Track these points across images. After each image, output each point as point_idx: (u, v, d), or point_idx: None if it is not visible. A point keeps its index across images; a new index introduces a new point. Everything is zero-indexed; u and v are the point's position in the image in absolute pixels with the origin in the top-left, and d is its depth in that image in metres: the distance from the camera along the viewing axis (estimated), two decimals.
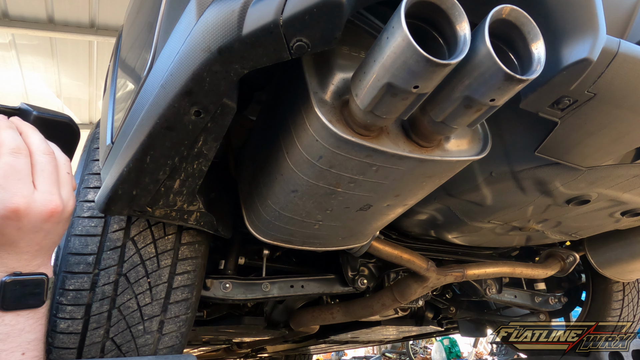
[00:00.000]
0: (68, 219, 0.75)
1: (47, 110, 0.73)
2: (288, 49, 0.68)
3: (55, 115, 0.75)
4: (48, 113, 0.73)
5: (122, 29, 1.55)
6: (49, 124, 0.72)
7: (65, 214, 0.73)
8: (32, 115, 0.70)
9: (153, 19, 0.97)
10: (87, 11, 5.83)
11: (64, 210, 0.72)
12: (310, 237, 1.20)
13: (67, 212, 0.73)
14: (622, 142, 0.96)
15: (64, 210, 0.72)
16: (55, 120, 0.74)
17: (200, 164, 0.96)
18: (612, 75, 0.79)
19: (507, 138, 1.12)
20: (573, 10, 0.75)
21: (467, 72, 0.66)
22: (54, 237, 0.73)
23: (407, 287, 1.71)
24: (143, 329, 1.20)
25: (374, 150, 0.79)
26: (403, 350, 9.66)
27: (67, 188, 0.74)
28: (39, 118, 0.71)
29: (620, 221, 1.45)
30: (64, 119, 0.76)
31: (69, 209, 0.74)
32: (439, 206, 1.46)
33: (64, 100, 7.46)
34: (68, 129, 0.77)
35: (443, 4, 0.62)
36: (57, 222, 0.71)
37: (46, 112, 0.73)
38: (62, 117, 0.76)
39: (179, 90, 0.75)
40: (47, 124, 0.71)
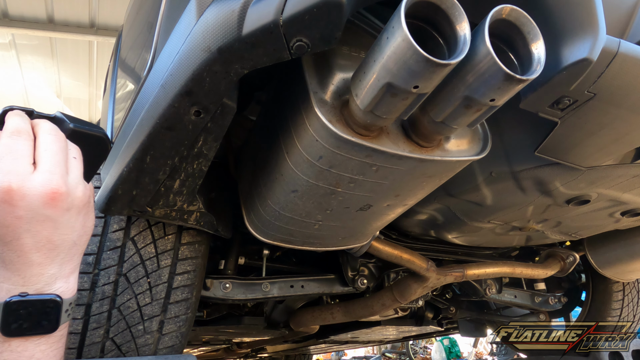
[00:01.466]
0: (81, 209, 0.63)
1: (84, 123, 0.67)
2: (288, 49, 0.68)
3: (92, 128, 0.67)
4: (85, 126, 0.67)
5: (122, 29, 1.55)
6: (83, 137, 0.65)
7: (74, 201, 0.61)
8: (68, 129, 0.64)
9: (153, 19, 0.97)
10: (87, 11, 5.83)
11: (69, 195, 0.60)
12: (310, 237, 1.20)
13: (76, 198, 0.61)
14: (622, 142, 0.96)
15: (69, 195, 0.60)
16: (91, 134, 0.67)
17: (200, 164, 0.96)
18: (612, 75, 0.79)
19: (507, 138, 1.12)
20: (573, 10, 0.75)
21: (467, 72, 0.66)
22: (67, 232, 0.60)
23: (407, 287, 1.71)
24: (143, 329, 1.20)
25: (374, 150, 0.79)
26: (403, 350, 9.66)
27: (76, 173, 0.63)
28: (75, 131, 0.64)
29: (620, 221, 1.45)
30: (99, 132, 0.69)
31: (77, 196, 0.62)
32: (439, 206, 1.46)
33: (64, 100, 7.46)
34: (101, 144, 0.70)
35: (443, 3, 0.62)
36: (63, 209, 0.59)
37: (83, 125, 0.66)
38: (98, 131, 0.69)
39: (179, 90, 0.75)
40: (81, 137, 0.65)
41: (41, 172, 0.58)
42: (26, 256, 0.57)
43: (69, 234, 0.61)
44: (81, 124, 0.65)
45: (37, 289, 0.58)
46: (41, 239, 0.58)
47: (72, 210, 0.61)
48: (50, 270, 0.59)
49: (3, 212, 0.55)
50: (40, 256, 0.58)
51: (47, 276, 0.59)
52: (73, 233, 0.61)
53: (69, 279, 0.61)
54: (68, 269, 0.61)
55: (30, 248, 0.57)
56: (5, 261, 0.57)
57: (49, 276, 0.59)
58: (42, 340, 0.58)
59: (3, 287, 0.57)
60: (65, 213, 0.59)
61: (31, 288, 0.58)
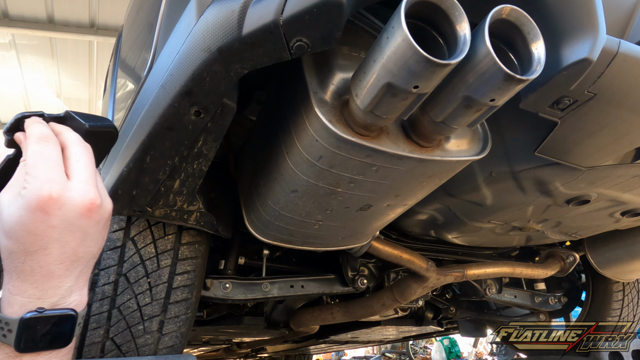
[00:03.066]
0: (107, 223, 0.62)
1: (95, 118, 0.65)
2: (288, 49, 0.68)
3: (103, 124, 0.66)
4: (97, 122, 0.65)
5: (122, 29, 1.55)
6: (96, 134, 0.64)
7: (105, 213, 0.60)
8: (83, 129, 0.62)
9: (153, 19, 0.97)
10: (87, 11, 5.83)
11: (102, 207, 0.59)
12: (310, 237, 1.20)
13: (106, 211, 0.61)
14: (622, 142, 0.96)
15: (102, 207, 0.59)
16: (104, 131, 0.66)
17: (200, 164, 0.96)
18: (612, 75, 0.79)
19: (507, 138, 1.12)
20: (573, 10, 0.75)
21: (467, 72, 0.66)
22: (91, 245, 0.59)
23: (407, 287, 1.71)
24: (143, 329, 1.20)
25: (374, 150, 0.79)
26: (403, 350, 9.66)
27: (102, 186, 0.63)
28: (89, 131, 0.62)
29: (620, 221, 1.44)
30: (110, 127, 0.67)
31: (107, 209, 0.61)
32: (439, 206, 1.46)
33: (64, 100, 7.46)
34: (111, 137, 0.68)
35: (443, 3, 0.62)
36: (96, 221, 0.58)
37: (96, 122, 0.64)
38: (109, 126, 0.67)
39: (179, 90, 0.75)
40: (94, 134, 0.64)
41: (78, 183, 0.57)
42: (48, 267, 0.55)
43: (93, 246, 0.60)
44: (94, 120, 0.64)
45: (53, 302, 0.56)
46: (67, 250, 0.56)
47: (101, 222, 0.60)
48: (67, 282, 0.57)
49: (37, 220, 0.54)
50: (62, 268, 0.56)
51: (64, 289, 0.57)
52: (96, 245, 0.61)
53: (83, 291, 0.60)
54: (83, 281, 0.60)
55: (55, 259, 0.55)
56: (24, 272, 0.54)
57: (65, 289, 0.57)
58: (53, 354, 0.57)
59: (17, 300, 0.54)
60: (96, 225, 0.59)
61: (47, 302, 0.56)
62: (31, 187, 0.54)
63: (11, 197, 0.55)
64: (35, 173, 0.55)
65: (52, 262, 0.55)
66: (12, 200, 0.55)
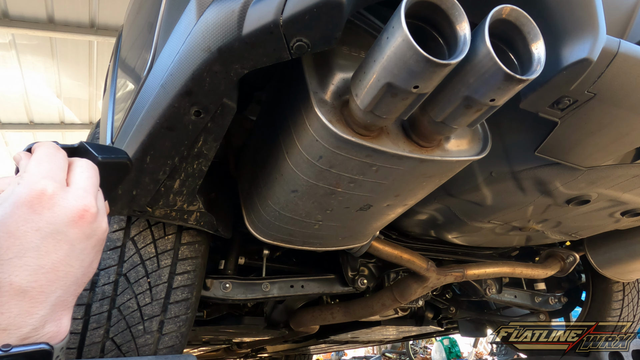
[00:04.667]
0: (98, 244, 0.55)
1: (108, 150, 0.63)
2: (288, 49, 0.68)
3: (117, 156, 0.64)
4: (111, 154, 0.63)
5: (122, 29, 1.55)
6: (108, 166, 0.62)
7: (98, 230, 0.53)
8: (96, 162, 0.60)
9: (153, 19, 0.97)
10: (87, 11, 5.83)
11: (96, 221, 0.53)
12: (310, 237, 1.20)
13: (100, 228, 0.54)
14: (622, 142, 0.96)
15: (96, 221, 0.53)
16: (117, 162, 0.64)
17: (200, 164, 0.96)
18: (612, 75, 0.79)
19: (507, 138, 1.12)
20: (573, 11, 0.75)
21: (467, 72, 0.66)
22: (75, 265, 0.50)
23: (407, 287, 1.71)
24: (143, 329, 1.20)
25: (374, 150, 0.79)
26: (403, 350, 9.66)
27: (102, 204, 0.57)
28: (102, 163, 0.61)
29: (620, 221, 1.45)
30: (124, 158, 0.65)
31: (102, 226, 0.54)
32: (439, 206, 1.46)
33: (64, 100, 7.46)
34: (125, 168, 0.66)
35: (443, 4, 0.62)
36: (85, 234, 0.51)
37: (109, 154, 0.63)
38: (123, 157, 0.65)
39: (179, 90, 0.75)
40: (106, 166, 0.62)
41: (77, 189, 0.52)
42: (20, 284, 0.45)
43: (77, 267, 0.51)
44: (107, 153, 0.62)
45: (23, 335, 0.45)
46: (46, 263, 0.47)
47: (92, 239, 0.53)
48: (41, 310, 0.47)
49: (20, 217, 0.47)
50: (36, 288, 0.46)
51: (36, 318, 0.46)
52: (80, 268, 0.51)
53: (62, 321, 0.50)
54: (60, 311, 0.49)
55: (30, 273, 0.46)
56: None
57: (38, 318, 0.47)
58: None
59: None
60: (84, 240, 0.51)
61: (15, 334, 0.45)
62: (25, 181, 0.49)
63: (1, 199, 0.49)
64: (34, 169, 0.50)
65: (26, 277, 0.46)
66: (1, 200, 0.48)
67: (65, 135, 8.26)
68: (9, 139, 8.15)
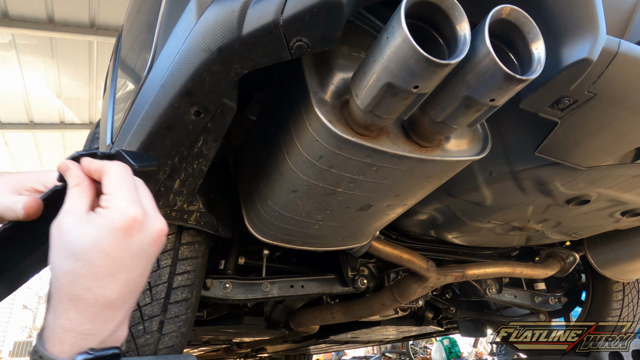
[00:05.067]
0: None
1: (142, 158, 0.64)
2: (288, 49, 0.68)
3: (150, 164, 0.65)
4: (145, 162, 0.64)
5: (122, 29, 1.55)
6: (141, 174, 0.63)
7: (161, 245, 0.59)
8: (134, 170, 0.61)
9: (153, 19, 0.97)
10: (87, 11, 5.83)
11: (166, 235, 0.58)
12: (310, 237, 1.20)
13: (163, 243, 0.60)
14: (622, 142, 0.96)
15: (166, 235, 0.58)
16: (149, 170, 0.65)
17: (200, 164, 0.96)
18: (612, 75, 0.79)
19: (507, 138, 1.12)
20: (573, 11, 0.75)
21: (467, 72, 0.66)
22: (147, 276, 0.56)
23: (407, 287, 1.71)
24: (143, 329, 1.20)
25: (374, 150, 0.79)
26: (403, 350, 9.66)
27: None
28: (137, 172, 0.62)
29: (620, 221, 1.44)
30: (154, 166, 0.66)
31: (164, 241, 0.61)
32: (439, 206, 1.46)
33: (64, 100, 7.46)
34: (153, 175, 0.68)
35: (443, 4, 0.62)
36: (159, 250, 0.56)
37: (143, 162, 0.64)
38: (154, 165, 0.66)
39: (179, 90, 0.75)
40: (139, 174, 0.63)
41: (152, 210, 0.57)
42: (110, 297, 0.51)
43: (147, 276, 0.57)
44: (141, 160, 0.63)
45: (101, 340, 0.51)
46: (131, 278, 0.53)
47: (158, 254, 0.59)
48: (119, 316, 0.53)
49: (116, 241, 0.51)
50: (120, 299, 0.52)
51: (115, 323, 0.52)
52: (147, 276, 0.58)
53: (125, 324, 0.55)
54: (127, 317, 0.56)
55: (118, 288, 0.51)
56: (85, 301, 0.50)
57: (116, 323, 0.53)
58: None
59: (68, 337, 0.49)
60: (156, 255, 0.57)
61: (96, 339, 0.51)
62: (117, 207, 0.52)
63: (78, 219, 0.52)
64: (121, 194, 0.54)
65: (116, 290, 0.51)
66: (85, 221, 0.52)
67: (65, 135, 8.26)
68: (9, 139, 8.14)
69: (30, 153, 8.72)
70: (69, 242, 0.50)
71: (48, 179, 0.63)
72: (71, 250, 0.50)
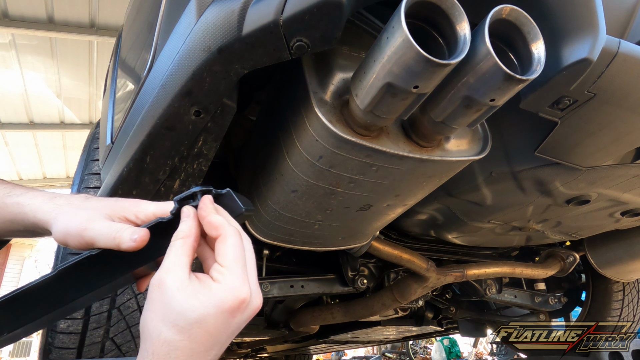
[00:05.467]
0: None
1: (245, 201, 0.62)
2: (288, 49, 0.68)
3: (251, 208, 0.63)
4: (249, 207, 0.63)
5: (122, 29, 1.55)
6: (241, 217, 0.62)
7: None
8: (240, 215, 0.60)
9: (153, 19, 0.97)
10: (87, 11, 5.83)
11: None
12: (310, 237, 1.20)
13: None
14: (622, 142, 0.96)
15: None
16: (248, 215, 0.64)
17: (200, 164, 0.96)
18: (612, 75, 0.79)
19: (507, 138, 1.12)
20: (573, 10, 0.75)
21: (467, 72, 0.66)
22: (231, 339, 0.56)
23: (407, 287, 1.71)
24: None
25: (374, 150, 0.79)
26: (403, 350, 9.66)
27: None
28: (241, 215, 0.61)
29: (620, 221, 1.45)
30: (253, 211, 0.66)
31: None
32: (439, 206, 1.46)
33: (64, 100, 7.45)
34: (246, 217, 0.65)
35: (443, 3, 0.62)
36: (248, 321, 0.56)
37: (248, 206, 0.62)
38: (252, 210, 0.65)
39: (179, 90, 0.75)
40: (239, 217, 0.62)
41: (254, 285, 0.56)
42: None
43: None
44: (247, 204, 0.62)
45: None
46: (220, 352, 0.53)
47: None
48: None
49: (221, 321, 0.50)
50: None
51: None
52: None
53: None
54: None
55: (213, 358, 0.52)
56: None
57: None
58: None
59: None
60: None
61: None
62: (230, 286, 0.51)
63: (181, 284, 0.50)
64: (235, 270, 0.53)
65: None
66: (190, 290, 0.50)
67: (65, 135, 8.26)
68: (9, 139, 8.14)
69: (30, 153, 8.72)
70: (172, 311, 0.49)
71: (140, 209, 0.61)
72: (173, 321, 0.48)
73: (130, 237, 0.55)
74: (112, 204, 0.62)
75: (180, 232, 0.56)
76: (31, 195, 0.66)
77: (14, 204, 0.65)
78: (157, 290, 0.50)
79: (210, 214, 0.57)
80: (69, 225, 0.59)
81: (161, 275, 0.51)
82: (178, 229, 0.56)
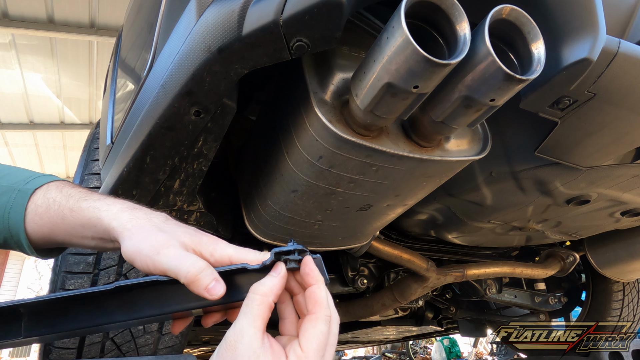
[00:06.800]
0: None
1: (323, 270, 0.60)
2: (288, 49, 0.68)
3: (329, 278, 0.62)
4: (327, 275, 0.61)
5: (122, 29, 1.55)
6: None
7: None
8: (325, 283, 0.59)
9: (153, 19, 0.97)
10: (87, 11, 5.83)
11: None
12: (310, 237, 1.20)
13: None
14: (622, 142, 0.96)
15: None
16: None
17: (200, 164, 0.96)
18: (612, 75, 0.79)
19: (507, 138, 1.12)
20: (573, 10, 0.75)
21: (467, 72, 0.66)
22: None
23: (407, 287, 1.71)
24: (143, 329, 1.20)
25: (374, 150, 0.79)
26: (403, 350, 9.66)
27: None
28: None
29: (620, 221, 1.45)
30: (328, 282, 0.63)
31: None
32: (439, 206, 1.46)
33: (64, 100, 7.46)
34: None
35: (443, 3, 0.62)
36: None
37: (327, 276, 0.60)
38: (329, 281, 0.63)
39: (179, 90, 0.75)
40: None
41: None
42: None
43: None
44: (326, 274, 0.60)
45: None
46: None
47: None
48: None
49: None
50: None
51: None
52: None
53: None
54: None
55: None
56: None
57: None
58: None
59: None
60: None
61: None
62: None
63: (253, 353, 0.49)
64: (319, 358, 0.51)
65: None
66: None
67: (65, 135, 8.26)
68: (9, 139, 8.14)
69: (30, 153, 8.72)
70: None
71: (218, 247, 0.59)
72: None
73: (207, 285, 0.53)
74: (191, 232, 0.60)
75: (262, 287, 0.54)
76: (109, 202, 0.63)
77: (89, 207, 0.63)
78: (229, 353, 0.49)
79: (319, 282, 0.56)
80: (142, 243, 0.56)
81: (235, 337, 0.50)
82: (261, 283, 0.54)
